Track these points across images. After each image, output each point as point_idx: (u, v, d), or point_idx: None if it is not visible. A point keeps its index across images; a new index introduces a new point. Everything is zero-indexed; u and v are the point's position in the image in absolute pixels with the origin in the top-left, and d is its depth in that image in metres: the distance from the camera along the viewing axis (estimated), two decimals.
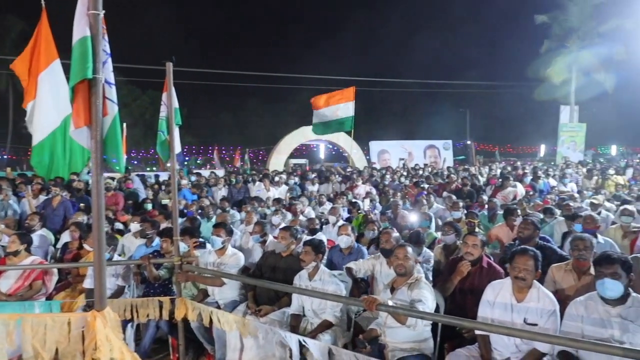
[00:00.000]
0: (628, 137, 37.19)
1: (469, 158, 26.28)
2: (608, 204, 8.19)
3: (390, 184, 11.02)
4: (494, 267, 3.93)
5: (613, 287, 2.73)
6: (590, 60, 23.67)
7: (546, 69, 24.36)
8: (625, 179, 12.83)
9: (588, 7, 23.38)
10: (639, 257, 4.20)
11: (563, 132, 23.14)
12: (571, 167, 14.28)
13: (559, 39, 24.56)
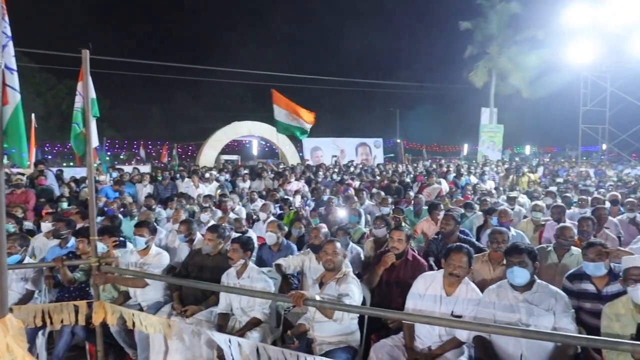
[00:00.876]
0: (540, 138, 40.73)
1: (398, 156, 27.29)
2: (522, 200, 8.88)
3: (323, 181, 11.15)
4: (418, 260, 4.10)
5: (521, 274, 2.96)
6: (507, 66, 25.53)
7: (469, 73, 25.94)
8: (537, 177, 14.00)
9: (506, 17, 25.14)
10: (544, 247, 4.61)
11: (483, 132, 24.72)
12: (489, 165, 15.35)
13: (481, 45, 26.19)
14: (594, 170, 17.24)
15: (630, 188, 11.17)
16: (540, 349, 2.83)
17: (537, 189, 10.47)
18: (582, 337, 2.49)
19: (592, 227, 5.01)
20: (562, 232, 4.36)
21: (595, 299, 3.37)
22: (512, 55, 25.27)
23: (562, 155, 33.41)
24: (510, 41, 25.38)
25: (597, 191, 9.91)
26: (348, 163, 16.57)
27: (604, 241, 5.20)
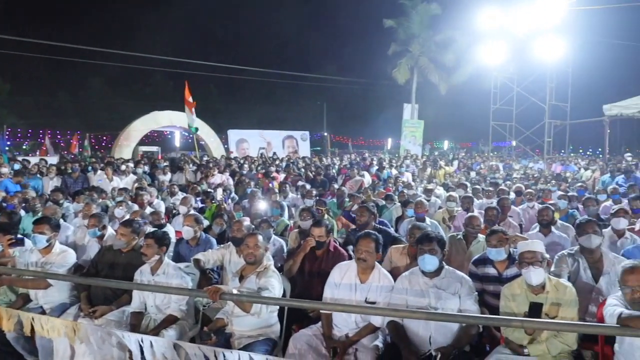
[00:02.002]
0: (457, 134, 43.47)
1: (324, 149, 27.70)
2: (439, 191, 9.40)
3: (248, 174, 11.00)
4: (339, 250, 4.19)
5: (430, 261, 3.13)
6: (427, 64, 26.84)
7: (392, 70, 26.91)
8: (452, 170, 14.92)
9: (427, 17, 26.35)
10: (454, 235, 4.92)
11: (405, 127, 25.80)
12: (409, 159, 16.10)
13: (404, 43, 27.22)
14: (503, 164, 18.72)
15: (533, 181, 12.27)
16: (447, 330, 3.01)
17: (452, 181, 11.18)
18: (479, 316, 2.70)
19: (497, 215, 5.43)
20: (469, 221, 4.69)
21: (496, 281, 3.65)
22: (432, 54, 26.60)
23: (476, 150, 35.86)
24: (430, 41, 26.64)
25: (504, 183, 10.77)
26: (274, 156, 16.51)
27: (506, 228, 5.73)
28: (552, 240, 4.94)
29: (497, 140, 28.07)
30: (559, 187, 9.62)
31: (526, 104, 21.63)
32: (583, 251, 3.73)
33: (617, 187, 8.82)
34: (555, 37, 17.74)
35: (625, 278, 2.54)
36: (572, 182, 11.02)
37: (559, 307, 2.88)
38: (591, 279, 3.62)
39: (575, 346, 2.87)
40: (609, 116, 12.00)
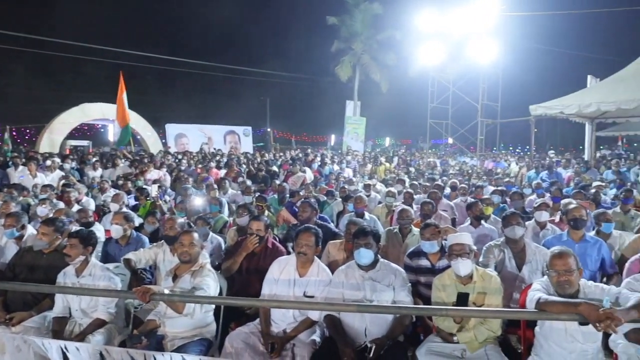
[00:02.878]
0: (398, 131, 44.76)
1: (267, 145, 27.49)
2: (379, 187, 9.62)
3: (186, 170, 10.64)
4: (277, 247, 4.15)
5: (366, 254, 3.19)
6: (370, 63, 27.37)
7: (335, 66, 27.17)
8: (392, 166, 15.34)
9: (369, 16, 26.84)
10: (391, 229, 5.05)
11: (348, 124, 26.17)
12: (350, 155, 16.37)
13: (346, 41, 27.57)
14: (440, 161, 19.55)
15: (467, 176, 12.90)
16: (382, 321, 3.08)
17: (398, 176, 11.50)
18: (408, 307, 2.79)
19: (431, 210, 5.64)
20: (400, 214, 4.85)
21: (429, 273, 3.78)
22: (374, 52, 27.17)
23: (416, 146, 37.14)
24: (372, 39, 27.18)
25: (441, 179, 11.23)
26: (217, 151, 16.12)
27: (437, 221, 5.97)
28: (481, 232, 5.21)
29: (435, 138, 29.19)
30: (490, 183, 10.17)
31: (461, 103, 22.69)
32: (508, 242, 3.96)
33: (540, 182, 9.47)
34: (488, 41, 18.74)
35: (553, 262, 2.70)
36: (502, 177, 11.69)
37: (485, 295, 3.03)
38: (515, 268, 3.85)
39: (499, 332, 3.04)
40: (535, 116, 12.77)
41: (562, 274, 2.64)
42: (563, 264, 2.66)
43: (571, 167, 13.45)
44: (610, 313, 2.16)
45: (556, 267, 2.67)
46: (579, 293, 2.66)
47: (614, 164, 13.14)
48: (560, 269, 2.65)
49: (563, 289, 2.63)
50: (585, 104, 11.62)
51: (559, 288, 2.65)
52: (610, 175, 12.35)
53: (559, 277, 2.64)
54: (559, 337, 2.71)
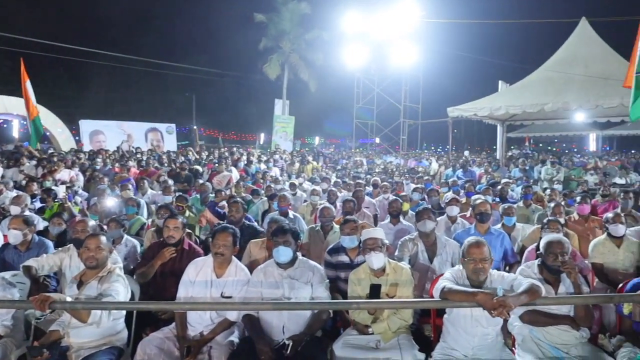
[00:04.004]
0: (327, 130, 45.42)
1: (193, 143, 26.62)
2: (306, 185, 9.69)
3: (101, 169, 9.97)
4: (194, 248, 4.04)
5: (284, 252, 3.20)
6: (298, 62, 27.49)
7: (263, 64, 26.96)
8: (319, 165, 15.54)
9: (297, 15, 26.93)
10: (313, 227, 5.11)
11: (277, 122, 26.08)
12: (278, 154, 16.34)
13: (275, 39, 27.45)
14: (367, 160, 20.15)
15: (390, 175, 13.42)
16: (300, 318, 3.11)
17: (319, 175, 11.66)
18: (321, 302, 2.84)
19: (353, 207, 5.79)
20: (322, 212, 4.93)
21: (348, 268, 3.87)
22: (302, 52, 27.33)
23: (344, 146, 37.97)
24: (300, 39, 27.33)
25: (366, 177, 11.58)
26: (136, 149, 15.29)
27: (360, 219, 6.15)
28: (400, 228, 5.43)
29: (362, 137, 30.03)
30: (412, 181, 10.65)
31: (385, 104, 23.60)
32: (421, 236, 4.19)
33: (456, 179, 10.10)
34: (409, 45, 19.62)
35: (470, 251, 2.87)
36: (422, 176, 12.30)
37: (397, 287, 3.17)
38: (427, 260, 4.08)
39: (411, 320, 3.21)
40: (452, 117, 13.60)
41: (479, 262, 2.82)
42: (480, 253, 2.84)
43: (483, 166, 14.49)
44: (502, 300, 2.35)
45: (473, 255, 2.84)
46: (487, 280, 2.86)
47: (520, 163, 14.38)
48: (478, 257, 2.83)
49: (478, 275, 2.82)
50: (495, 107, 12.59)
51: (474, 275, 2.83)
52: (517, 173, 13.50)
53: (476, 264, 2.82)
54: (465, 323, 2.91)
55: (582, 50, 12.69)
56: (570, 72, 11.82)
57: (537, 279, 3.11)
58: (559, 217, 5.16)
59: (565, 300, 2.95)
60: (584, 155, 24.96)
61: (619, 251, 4.42)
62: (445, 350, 2.98)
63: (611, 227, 4.46)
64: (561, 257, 3.01)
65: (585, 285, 3.13)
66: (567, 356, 2.92)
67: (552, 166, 13.07)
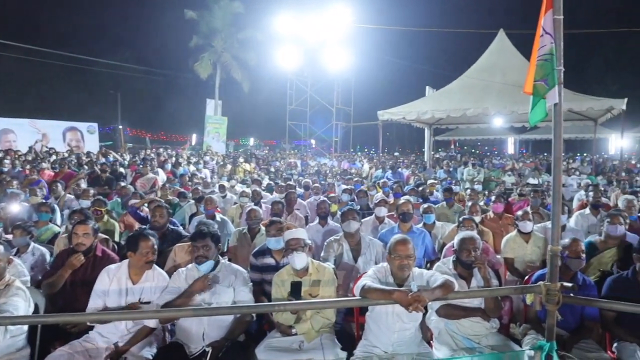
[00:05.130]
0: (262, 131, 44.97)
1: (117, 143, 25.18)
2: (238, 188, 9.49)
3: (9, 171, 9.08)
4: (107, 255, 3.80)
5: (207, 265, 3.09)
6: (230, 61, 27.00)
7: (194, 63, 26.18)
8: (252, 167, 15.34)
9: (229, 14, 26.47)
10: (240, 230, 5.02)
11: (209, 123, 25.42)
12: (208, 155, 15.93)
13: (206, 37, 26.76)
14: (301, 161, 20.21)
15: (323, 176, 13.53)
16: (221, 323, 3.03)
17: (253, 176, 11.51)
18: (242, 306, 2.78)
19: (281, 209, 5.75)
20: (249, 214, 4.86)
21: (274, 270, 3.81)
22: (235, 51, 26.89)
23: (279, 147, 37.82)
24: (233, 38, 26.89)
25: (299, 178, 11.59)
26: (50, 150, 14.15)
27: (292, 220, 6.14)
28: (328, 229, 5.47)
29: (296, 139, 30.10)
30: (344, 182, 10.81)
31: (318, 106, 23.79)
32: (346, 236, 4.25)
33: (387, 180, 10.40)
34: (341, 49, 19.97)
35: (396, 248, 2.94)
36: (352, 177, 12.55)
37: (319, 286, 3.18)
38: (352, 260, 4.15)
39: (334, 319, 3.24)
40: (382, 121, 14.04)
41: (404, 258, 2.90)
42: (405, 249, 2.92)
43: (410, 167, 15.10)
44: (417, 296, 2.44)
45: (399, 252, 2.91)
46: (409, 277, 2.95)
47: (444, 165, 15.16)
48: (403, 253, 2.90)
49: (403, 271, 2.90)
50: (422, 111, 13.19)
51: (400, 271, 2.91)
52: (442, 174, 14.22)
53: (401, 261, 2.90)
54: (386, 319, 2.98)
55: (499, 59, 13.64)
56: (489, 80, 12.64)
57: (452, 274, 3.28)
58: (475, 215, 5.48)
59: (475, 293, 3.12)
60: (503, 158, 26.88)
61: (527, 246, 4.78)
62: (366, 348, 3.03)
63: (520, 224, 4.83)
64: (474, 253, 3.19)
65: (495, 279, 3.34)
66: (479, 346, 3.09)
67: (473, 168, 13.93)
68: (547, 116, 2.49)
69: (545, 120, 2.46)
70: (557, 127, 2.45)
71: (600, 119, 13.76)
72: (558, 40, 2.40)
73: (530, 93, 2.54)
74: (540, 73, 2.46)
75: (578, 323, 3.26)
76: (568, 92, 11.87)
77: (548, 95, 2.43)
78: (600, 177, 12.76)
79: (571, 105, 11.31)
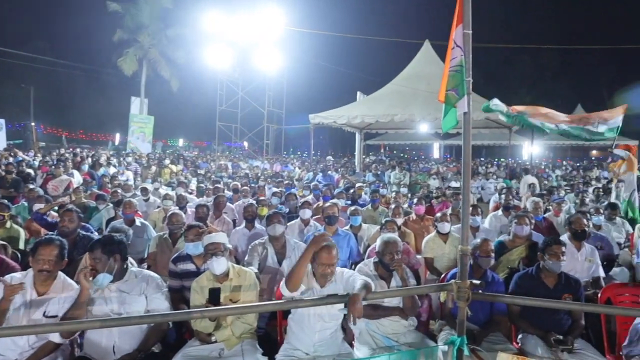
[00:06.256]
0: (192, 132, 43.54)
1: (28, 142, 23.11)
2: (162, 190, 9.05)
3: None
4: (7, 263, 3.47)
5: (105, 278, 2.86)
6: (158, 58, 25.87)
7: (118, 59, 24.76)
8: (179, 169, 14.77)
9: (157, 9, 25.36)
10: (161, 235, 4.80)
11: (133, 122, 24.17)
12: (131, 156, 15.10)
13: (131, 32, 25.40)
14: (232, 164, 19.80)
15: (253, 179, 13.34)
16: (133, 334, 2.86)
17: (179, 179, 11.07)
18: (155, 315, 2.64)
19: (206, 213, 5.58)
20: (170, 218, 4.67)
21: (195, 276, 3.67)
22: (163, 48, 25.82)
23: (210, 149, 36.86)
24: (161, 34, 25.80)
25: (229, 181, 11.31)
26: None
27: (220, 225, 5.98)
28: (255, 233, 5.38)
29: (227, 141, 29.48)
30: (275, 185, 10.72)
31: (249, 108, 23.47)
32: (271, 239, 4.21)
33: (317, 183, 10.47)
34: (273, 51, 19.90)
35: (321, 255, 2.91)
36: (283, 180, 12.50)
37: (240, 291, 3.11)
38: (276, 263, 4.12)
39: (255, 324, 3.18)
40: (313, 124, 14.16)
41: (327, 266, 2.90)
42: (329, 258, 2.90)
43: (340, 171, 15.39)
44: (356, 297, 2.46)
45: (323, 260, 2.90)
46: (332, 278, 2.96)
47: (373, 168, 15.60)
48: (327, 262, 2.90)
49: (325, 278, 2.91)
50: (352, 116, 13.51)
51: (322, 278, 2.92)
52: (370, 177, 14.62)
53: (325, 269, 2.90)
54: (308, 320, 2.98)
55: (425, 68, 14.31)
56: (415, 88, 13.21)
57: (373, 275, 3.37)
58: (397, 217, 5.69)
59: (393, 293, 3.23)
60: (429, 162, 28.25)
61: (446, 246, 5.04)
62: (288, 352, 3.01)
63: (439, 225, 5.09)
64: (396, 256, 3.29)
65: (413, 279, 3.48)
66: (397, 344, 3.19)
67: (400, 171, 14.46)
68: (457, 124, 2.63)
69: (456, 127, 2.60)
70: (466, 135, 2.60)
71: (514, 127, 14.85)
72: (467, 53, 2.55)
73: (443, 101, 2.68)
74: (451, 83, 2.60)
75: (488, 317, 3.47)
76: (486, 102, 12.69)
77: (458, 104, 2.58)
78: (514, 181, 13.79)
79: (488, 114, 12.09)
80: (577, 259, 4.48)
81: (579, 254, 4.50)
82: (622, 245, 6.12)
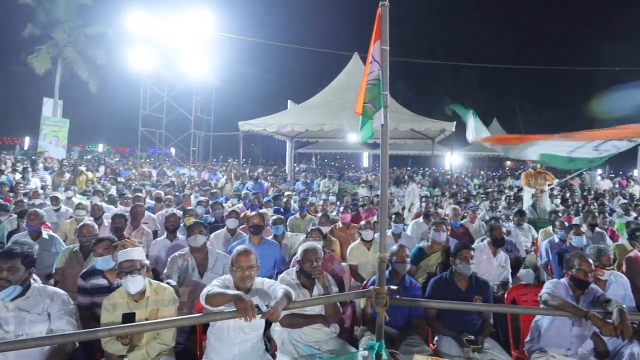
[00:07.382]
0: (113, 138, 41.07)
1: None
2: (76, 199, 8.43)
3: None
4: None
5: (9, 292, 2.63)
6: (75, 57, 24.13)
7: (29, 56, 22.80)
8: (96, 176, 13.85)
9: (75, 4, 23.64)
10: (71, 248, 4.45)
11: (46, 125, 22.29)
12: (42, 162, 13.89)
13: (44, 27, 23.48)
14: (157, 171, 18.93)
15: (179, 187, 12.85)
16: (32, 357, 2.60)
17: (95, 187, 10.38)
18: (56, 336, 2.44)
19: (124, 223, 5.28)
20: (80, 230, 4.40)
21: (107, 292, 3.41)
22: (81, 46, 24.17)
23: (134, 155, 34.98)
24: (79, 31, 24.12)
25: (152, 189, 10.80)
26: None
27: (139, 236, 5.67)
28: (177, 244, 5.15)
29: (150, 147, 28.15)
30: (202, 194, 10.39)
31: (175, 114, 22.58)
32: (192, 251, 4.06)
33: (248, 192, 10.32)
34: (201, 56, 19.41)
35: (238, 259, 2.89)
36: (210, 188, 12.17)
37: (157, 308, 2.96)
38: (198, 276, 3.97)
39: (172, 343, 3.02)
40: (243, 131, 13.99)
41: (246, 269, 2.86)
42: (247, 260, 2.88)
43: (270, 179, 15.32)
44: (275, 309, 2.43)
45: (241, 263, 2.87)
46: (252, 287, 2.91)
47: (302, 176, 15.74)
48: (245, 264, 2.87)
49: (244, 282, 2.86)
50: (283, 124, 13.55)
51: (241, 282, 2.86)
52: (300, 185, 14.72)
53: (243, 272, 2.86)
54: (228, 332, 2.89)
55: (353, 80, 14.66)
56: (344, 98, 13.49)
57: (295, 284, 3.37)
58: (324, 226, 5.76)
59: (314, 301, 3.24)
60: (358, 171, 28.99)
61: (370, 253, 5.18)
62: None
63: (363, 233, 5.22)
64: (316, 263, 3.32)
65: (335, 286, 3.53)
66: (319, 352, 3.21)
67: (329, 180, 14.73)
68: (374, 135, 2.72)
69: (373, 138, 2.69)
70: (383, 146, 2.70)
71: (436, 138, 15.70)
72: (385, 68, 2.66)
73: (360, 113, 2.77)
74: (369, 96, 2.69)
75: (407, 321, 3.61)
76: (410, 114, 13.41)
77: (375, 116, 2.67)
78: (437, 189, 14.57)
79: (412, 125, 12.73)
80: (492, 263, 4.82)
81: (495, 259, 4.84)
82: (528, 249, 6.71)
